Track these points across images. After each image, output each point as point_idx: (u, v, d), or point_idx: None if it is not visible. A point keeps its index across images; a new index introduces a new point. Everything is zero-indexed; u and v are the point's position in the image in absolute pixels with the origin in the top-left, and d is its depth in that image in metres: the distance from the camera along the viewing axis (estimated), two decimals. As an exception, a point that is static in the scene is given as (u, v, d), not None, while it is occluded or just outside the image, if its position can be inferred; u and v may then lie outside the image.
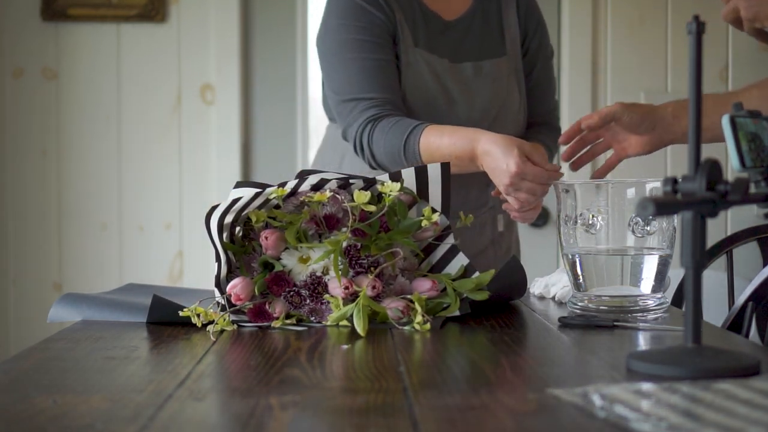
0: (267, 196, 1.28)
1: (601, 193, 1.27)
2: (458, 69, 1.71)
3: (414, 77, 1.67)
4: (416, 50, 1.68)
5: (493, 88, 1.73)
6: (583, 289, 1.28)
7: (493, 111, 1.74)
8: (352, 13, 1.65)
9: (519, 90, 1.79)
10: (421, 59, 1.68)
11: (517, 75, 1.78)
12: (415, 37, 1.69)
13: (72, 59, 2.86)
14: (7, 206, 2.86)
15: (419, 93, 1.67)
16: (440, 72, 1.69)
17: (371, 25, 1.65)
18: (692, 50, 0.93)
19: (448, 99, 1.70)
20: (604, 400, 0.75)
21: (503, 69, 1.76)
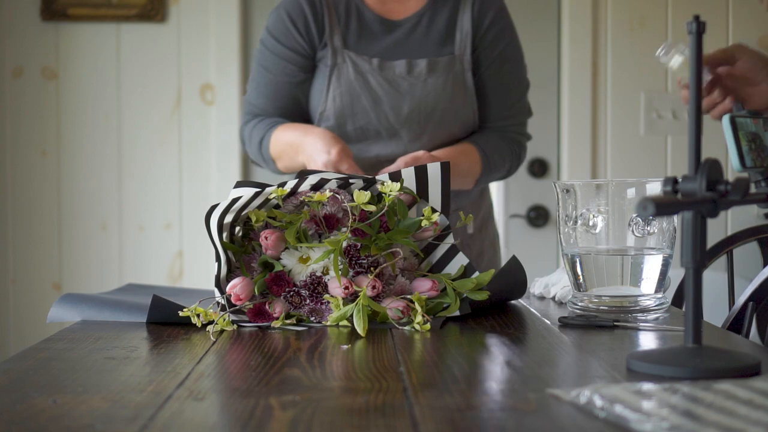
0: (267, 196, 1.28)
1: (601, 193, 1.27)
2: (388, 67, 1.74)
3: (340, 78, 1.74)
4: (344, 52, 1.75)
5: (427, 86, 1.74)
6: (583, 289, 1.28)
7: (426, 108, 1.74)
8: (277, 29, 1.79)
9: (466, 91, 1.78)
10: (348, 60, 1.74)
11: (464, 76, 1.77)
12: (346, 39, 1.76)
13: (72, 59, 2.86)
14: (7, 206, 2.86)
15: (345, 93, 1.74)
16: (366, 71, 1.74)
17: (287, 45, 1.78)
18: (692, 50, 0.93)
19: (373, 98, 1.74)
20: (604, 400, 0.75)
21: (444, 68, 1.75)
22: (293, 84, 1.79)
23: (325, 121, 1.76)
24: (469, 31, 1.78)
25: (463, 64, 1.77)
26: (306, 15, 1.76)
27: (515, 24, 1.88)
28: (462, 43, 1.78)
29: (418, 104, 1.74)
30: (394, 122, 1.74)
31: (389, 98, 1.74)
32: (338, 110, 1.74)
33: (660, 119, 2.93)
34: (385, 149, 1.76)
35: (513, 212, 3.01)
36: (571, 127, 2.93)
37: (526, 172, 3.00)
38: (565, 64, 2.95)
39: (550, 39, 2.99)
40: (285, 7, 1.79)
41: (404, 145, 1.76)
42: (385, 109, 1.74)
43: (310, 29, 1.76)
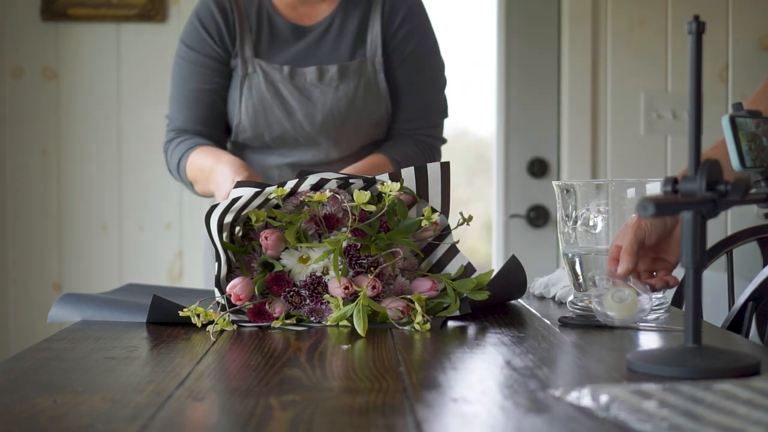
0: (267, 196, 1.28)
1: (601, 193, 1.27)
2: (299, 74, 1.72)
3: (251, 88, 1.73)
4: (255, 60, 1.73)
5: (339, 92, 1.72)
6: (583, 289, 1.28)
7: (341, 115, 1.73)
8: (190, 37, 1.78)
9: (379, 92, 1.75)
10: (259, 69, 1.73)
11: (376, 77, 1.75)
12: (257, 48, 1.75)
13: (72, 59, 2.86)
14: (7, 206, 2.86)
15: (257, 104, 1.73)
16: (277, 80, 1.72)
17: (203, 53, 1.76)
18: (692, 50, 0.93)
19: (285, 108, 1.72)
20: (604, 400, 0.75)
21: (355, 72, 1.73)
22: (212, 92, 1.76)
23: (243, 133, 1.75)
24: (379, 32, 1.75)
25: (375, 65, 1.75)
26: (218, 21, 1.74)
27: (517, 22, 1.85)
28: (373, 44, 1.75)
29: (331, 111, 1.72)
30: (309, 131, 1.73)
31: (302, 107, 1.72)
32: (252, 122, 1.73)
33: (660, 119, 2.93)
34: (306, 155, 1.75)
35: (513, 212, 3.01)
36: (571, 127, 2.93)
37: (526, 172, 3.01)
38: (565, 64, 2.95)
39: (551, 39, 2.99)
40: (197, 15, 1.77)
41: (324, 150, 1.75)
42: (299, 119, 1.72)
43: (223, 35, 1.74)
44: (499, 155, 3.01)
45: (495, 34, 3.01)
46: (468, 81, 3.30)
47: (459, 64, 3.31)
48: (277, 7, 1.77)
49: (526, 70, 2.99)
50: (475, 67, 3.24)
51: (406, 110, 1.79)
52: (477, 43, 3.23)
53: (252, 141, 1.76)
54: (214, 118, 1.78)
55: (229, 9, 1.75)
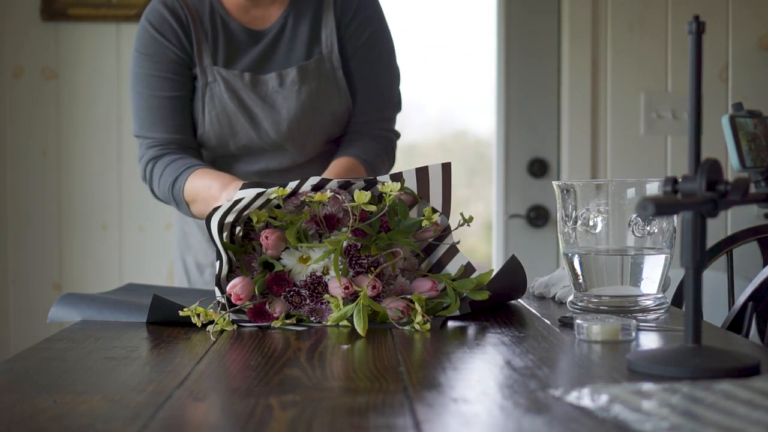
0: (268, 196, 1.28)
1: (601, 193, 1.27)
2: (261, 82, 1.69)
3: (213, 98, 1.68)
4: (214, 69, 1.68)
5: (301, 96, 1.69)
6: (583, 289, 1.28)
7: (306, 119, 1.70)
8: (147, 45, 1.69)
9: (339, 88, 1.73)
10: (219, 78, 1.68)
11: (335, 74, 1.73)
12: (215, 55, 1.69)
13: (72, 59, 2.86)
14: (7, 206, 2.86)
15: (221, 114, 1.68)
16: (239, 89, 1.68)
17: (163, 59, 1.68)
18: (692, 50, 0.93)
19: (250, 117, 1.69)
20: (604, 400, 0.75)
21: (314, 72, 1.71)
22: (180, 98, 1.69)
23: (207, 142, 1.71)
24: (333, 27, 1.72)
25: (333, 62, 1.72)
26: (173, 25, 1.68)
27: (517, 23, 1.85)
28: (328, 39, 1.72)
29: (296, 116, 1.70)
30: (275, 138, 1.70)
31: (266, 116, 1.69)
32: (217, 132, 1.69)
33: (660, 119, 2.93)
34: (272, 162, 1.74)
35: (513, 212, 3.01)
36: (571, 127, 2.93)
37: (526, 172, 3.01)
38: (565, 64, 2.95)
39: (551, 39, 2.99)
40: (150, 22, 1.69)
41: (290, 155, 1.73)
42: (265, 127, 1.69)
43: (181, 38, 1.68)
44: (499, 155, 3.01)
45: (495, 34, 3.01)
46: (468, 81, 3.30)
47: (459, 64, 3.31)
48: (230, 11, 1.72)
49: (526, 70, 2.99)
50: (475, 67, 3.24)
51: (361, 104, 1.76)
52: (477, 43, 3.23)
53: (217, 150, 1.72)
54: (186, 126, 1.70)
55: (182, 13, 1.69)
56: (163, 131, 1.69)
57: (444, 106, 3.48)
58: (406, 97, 1.87)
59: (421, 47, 3.22)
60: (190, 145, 1.72)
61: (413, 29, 3.20)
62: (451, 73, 3.29)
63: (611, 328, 1.07)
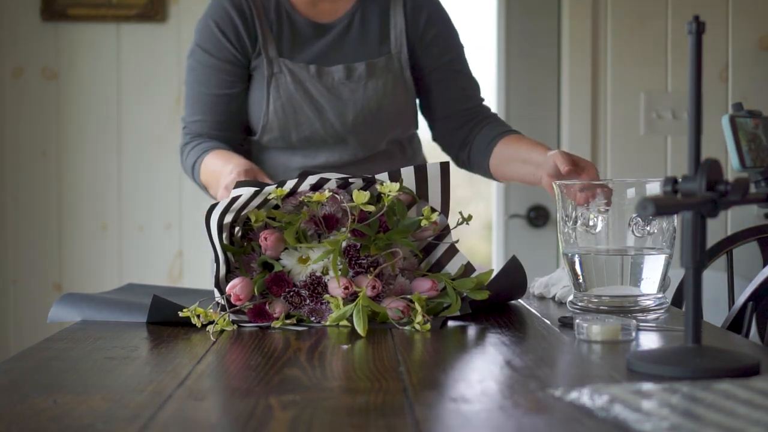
0: (266, 196, 1.28)
1: (601, 193, 1.27)
2: (326, 73, 1.71)
3: (278, 88, 1.70)
4: (280, 60, 1.70)
5: (368, 90, 1.71)
6: (583, 289, 1.28)
7: (371, 113, 1.72)
8: (206, 40, 1.73)
9: (406, 88, 1.76)
10: (285, 69, 1.70)
11: (403, 74, 1.75)
12: (280, 47, 1.72)
13: (72, 59, 2.86)
14: (7, 206, 2.86)
15: (286, 104, 1.70)
16: (304, 79, 1.70)
17: (220, 57, 1.72)
18: (692, 50, 0.93)
19: (315, 107, 1.70)
20: (604, 400, 0.75)
21: (383, 70, 1.73)
22: (230, 96, 1.73)
23: (269, 133, 1.72)
24: (403, 29, 1.75)
25: (401, 62, 1.74)
26: (236, 23, 1.70)
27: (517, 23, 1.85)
28: (397, 40, 1.74)
29: (362, 109, 1.71)
30: (340, 130, 1.71)
31: (332, 106, 1.70)
32: (281, 122, 1.70)
33: (660, 119, 2.93)
34: (333, 156, 1.74)
35: (513, 212, 3.01)
36: (571, 127, 2.93)
37: (526, 172, 3.00)
38: (564, 64, 2.95)
39: (551, 39, 2.99)
40: (212, 18, 1.72)
41: (352, 150, 1.74)
42: (330, 117, 1.70)
43: (242, 37, 1.70)
44: (499, 155, 3.00)
45: (495, 34, 3.01)
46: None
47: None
48: (295, 5, 1.74)
49: (526, 70, 2.99)
50: (475, 66, 3.23)
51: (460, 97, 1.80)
52: (477, 43, 3.23)
53: (277, 141, 1.73)
54: (231, 122, 1.75)
55: (246, 9, 1.71)
56: (199, 124, 1.75)
57: (444, 106, 3.46)
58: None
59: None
60: (226, 140, 1.75)
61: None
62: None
63: (611, 328, 1.07)
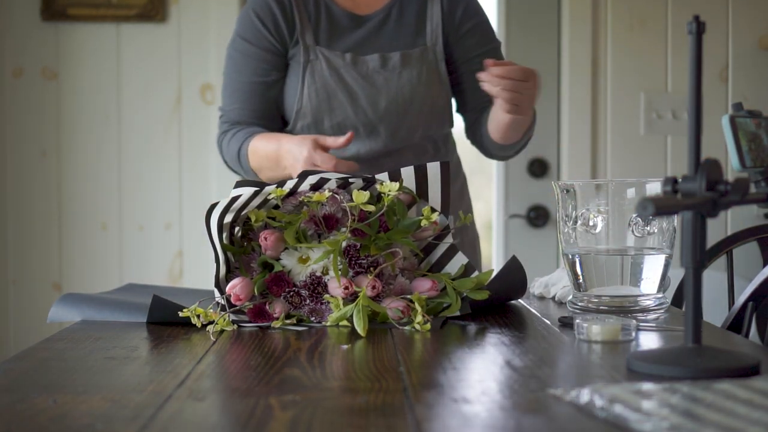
0: (266, 195, 1.28)
1: (601, 193, 1.27)
2: (361, 62, 1.74)
3: (314, 74, 1.74)
4: (317, 48, 1.75)
5: (402, 79, 1.74)
6: (583, 289, 1.28)
7: (404, 102, 1.74)
8: (246, 30, 1.79)
9: (441, 81, 1.78)
10: (321, 56, 1.74)
11: (438, 66, 1.78)
12: (317, 36, 1.76)
13: (72, 59, 2.86)
14: (7, 206, 2.86)
15: (320, 89, 1.73)
16: (339, 66, 1.74)
17: (259, 47, 1.77)
18: (692, 50, 0.93)
19: (349, 93, 1.73)
20: (604, 400, 0.75)
21: (417, 60, 1.75)
22: (267, 84, 1.77)
23: (302, 119, 1.75)
24: (439, 22, 1.78)
25: (436, 54, 1.78)
26: (275, 13, 1.75)
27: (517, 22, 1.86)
28: (433, 33, 1.78)
29: (395, 98, 1.74)
30: (372, 117, 1.74)
31: (365, 93, 1.73)
32: (315, 107, 1.74)
33: (660, 119, 2.93)
34: (364, 147, 1.75)
35: (513, 212, 3.01)
36: (571, 127, 2.93)
37: (526, 172, 3.00)
38: (565, 64, 2.95)
39: (550, 39, 2.99)
40: (253, 8, 1.78)
41: (383, 142, 1.75)
42: (363, 104, 1.73)
43: (280, 27, 1.76)
44: (499, 155, 3.00)
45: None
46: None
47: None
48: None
49: (526, 70, 2.98)
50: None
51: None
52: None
53: (309, 129, 1.76)
54: (268, 110, 1.79)
55: (286, 0, 1.76)
56: (238, 112, 1.79)
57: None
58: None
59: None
60: (265, 128, 1.78)
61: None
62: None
63: (611, 328, 1.07)
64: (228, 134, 1.79)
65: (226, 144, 1.79)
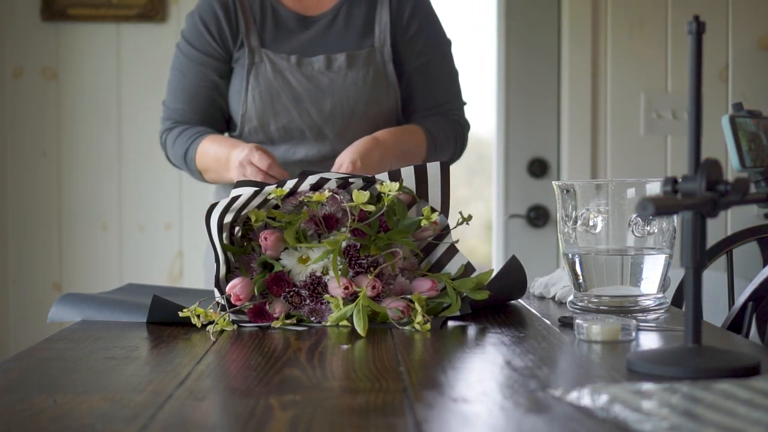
0: (266, 195, 1.28)
1: (601, 193, 1.27)
2: (307, 63, 1.73)
3: (258, 77, 1.73)
4: (262, 50, 1.74)
5: (347, 81, 1.72)
6: (583, 289, 1.28)
7: (349, 104, 1.73)
8: (190, 32, 1.79)
9: (388, 82, 1.76)
10: (266, 59, 1.73)
11: (385, 68, 1.76)
12: (262, 38, 1.75)
13: (72, 59, 2.86)
14: (7, 207, 2.86)
15: (264, 92, 1.73)
16: (284, 69, 1.73)
17: (201, 50, 1.77)
18: (692, 50, 0.93)
19: (293, 95, 1.72)
20: (604, 400, 0.75)
21: (364, 61, 1.74)
22: (211, 88, 1.77)
23: (248, 122, 1.74)
24: (387, 22, 1.76)
25: (384, 55, 1.75)
26: (219, 18, 1.75)
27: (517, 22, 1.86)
28: (381, 34, 1.76)
29: (340, 99, 1.72)
30: (317, 119, 1.72)
31: (310, 95, 1.72)
32: (259, 110, 1.73)
33: (660, 119, 2.93)
34: (312, 150, 1.74)
35: (513, 212, 3.01)
36: (571, 127, 2.93)
37: (526, 172, 3.01)
38: (565, 64, 2.95)
39: (551, 39, 2.99)
40: (198, 11, 1.78)
41: (330, 145, 1.73)
42: (307, 106, 1.72)
43: (224, 32, 1.75)
44: (499, 155, 3.01)
45: (495, 34, 3.01)
46: (468, 80, 3.30)
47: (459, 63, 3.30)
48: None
49: (526, 70, 2.99)
50: (475, 66, 3.23)
51: (430, 98, 1.81)
52: (477, 42, 3.23)
53: (257, 132, 1.75)
54: (211, 113, 1.79)
55: (231, 2, 1.76)
56: (181, 109, 1.80)
57: (444, 106, 3.47)
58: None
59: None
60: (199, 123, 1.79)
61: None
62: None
63: (611, 328, 1.07)
64: (173, 132, 1.79)
65: (171, 142, 1.79)
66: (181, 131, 1.78)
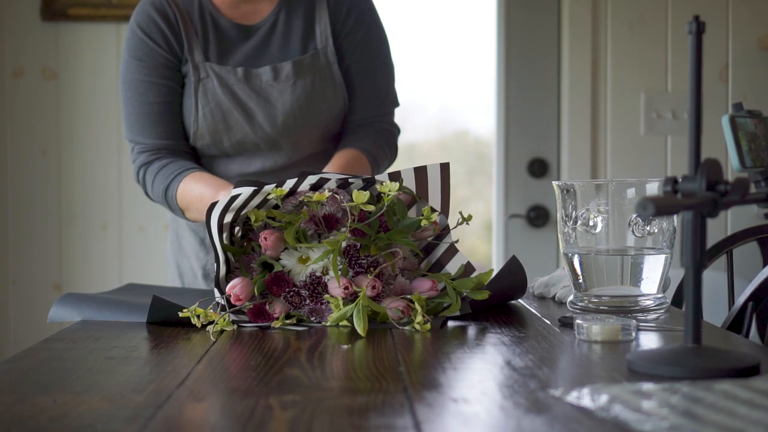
0: (265, 195, 1.28)
1: (601, 193, 1.27)
2: (254, 75, 1.68)
3: (206, 94, 1.67)
4: (207, 65, 1.68)
5: (296, 89, 1.69)
6: (583, 289, 1.28)
7: (301, 113, 1.69)
8: (136, 48, 1.69)
9: (335, 83, 1.73)
10: (212, 73, 1.67)
11: (331, 69, 1.72)
12: (206, 51, 1.69)
13: (72, 59, 2.86)
14: (7, 206, 2.86)
15: (215, 109, 1.68)
16: (232, 83, 1.68)
17: (153, 64, 1.68)
18: (692, 50, 0.93)
19: (245, 111, 1.68)
20: (604, 400, 0.75)
21: (309, 67, 1.70)
22: (171, 103, 1.69)
23: (201, 139, 1.69)
24: (327, 22, 1.72)
25: (328, 57, 1.72)
26: (161, 26, 1.67)
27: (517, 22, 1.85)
28: (323, 35, 1.72)
29: (291, 109, 1.68)
30: (270, 132, 1.69)
31: (261, 109, 1.68)
32: (211, 128, 1.67)
33: (660, 119, 2.93)
34: (267, 161, 1.72)
35: (513, 212, 3.01)
36: (571, 127, 2.93)
37: (526, 172, 3.01)
38: (565, 64, 2.95)
39: (551, 39, 2.99)
40: (138, 24, 1.69)
41: (286, 154, 1.72)
42: (260, 121, 1.68)
43: (170, 41, 1.67)
44: (499, 155, 3.01)
45: (495, 34, 3.01)
46: (468, 81, 3.30)
47: (459, 63, 3.31)
48: (219, 7, 1.71)
49: (526, 70, 2.99)
50: (475, 67, 3.24)
51: (361, 100, 1.77)
52: (477, 42, 3.23)
53: (210, 148, 1.71)
54: (177, 131, 1.71)
55: (170, 12, 1.68)
56: (153, 137, 1.69)
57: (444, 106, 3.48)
58: (406, 97, 1.88)
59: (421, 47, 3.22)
60: (182, 149, 1.72)
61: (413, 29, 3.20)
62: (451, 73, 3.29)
63: (611, 328, 1.07)
64: (152, 167, 1.69)
65: (150, 178, 1.69)
66: (161, 166, 1.68)
